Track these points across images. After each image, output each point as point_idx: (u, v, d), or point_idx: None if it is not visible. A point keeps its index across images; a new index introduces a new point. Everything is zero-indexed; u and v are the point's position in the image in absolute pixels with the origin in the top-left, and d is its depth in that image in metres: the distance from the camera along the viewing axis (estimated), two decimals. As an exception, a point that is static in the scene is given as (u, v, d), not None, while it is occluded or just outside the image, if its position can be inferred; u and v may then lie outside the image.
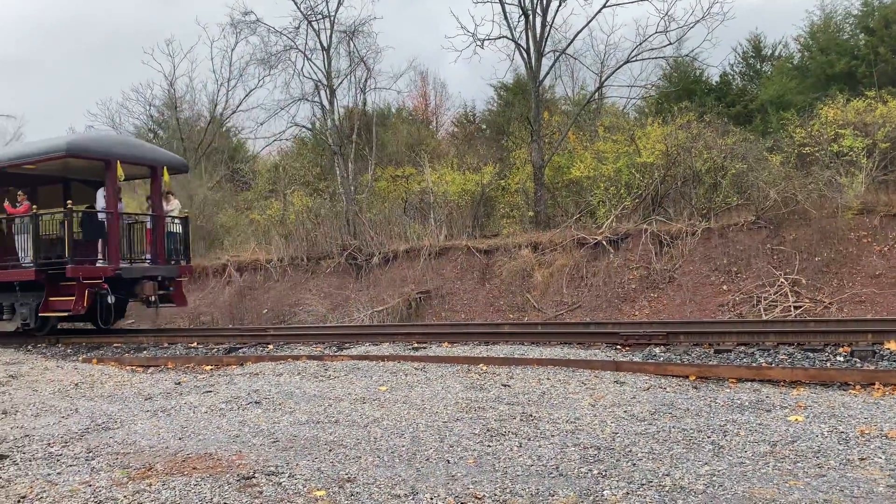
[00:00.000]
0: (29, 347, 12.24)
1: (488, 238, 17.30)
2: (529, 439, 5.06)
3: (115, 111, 33.46)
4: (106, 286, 12.10)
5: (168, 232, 13.73)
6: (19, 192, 13.21)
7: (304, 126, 21.47)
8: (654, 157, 16.30)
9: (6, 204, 12.92)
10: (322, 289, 16.87)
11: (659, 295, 13.82)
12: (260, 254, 18.83)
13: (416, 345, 9.82)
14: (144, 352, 10.97)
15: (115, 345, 11.88)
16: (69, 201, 12.61)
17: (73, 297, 11.78)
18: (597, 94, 20.74)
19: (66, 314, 12.14)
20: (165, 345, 11.51)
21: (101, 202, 12.76)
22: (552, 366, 7.64)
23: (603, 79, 19.58)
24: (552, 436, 5.12)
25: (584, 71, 37.52)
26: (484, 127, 34.31)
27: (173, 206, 14.20)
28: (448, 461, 4.61)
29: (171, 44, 40.22)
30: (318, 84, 19.59)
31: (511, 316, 14.45)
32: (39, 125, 52.19)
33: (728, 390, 6.58)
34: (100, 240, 12.69)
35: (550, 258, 15.13)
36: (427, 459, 4.67)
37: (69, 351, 11.65)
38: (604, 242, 14.79)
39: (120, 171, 12.28)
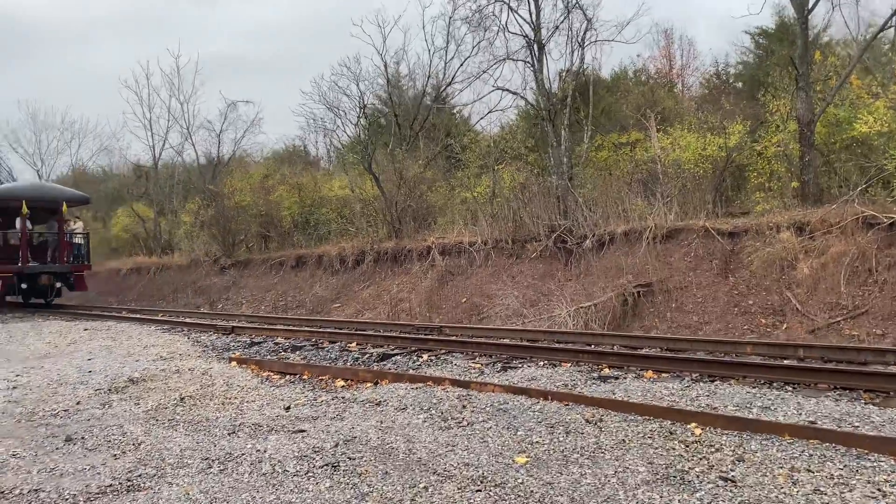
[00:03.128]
0: (201, 337, 11.59)
1: (734, 217, 13.58)
2: None
3: (328, 88, 33.94)
4: (15, 278, 18.17)
5: (74, 243, 20.12)
6: None
7: (506, 89, 18.92)
8: None
9: None
10: (525, 276, 14.51)
11: None
12: (465, 236, 17.00)
13: (605, 371, 6.99)
14: (297, 352, 9.52)
15: (277, 339, 10.71)
16: None
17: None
18: (892, 21, 15.23)
19: None
20: (325, 343, 10.01)
21: (18, 225, 18.73)
22: (817, 441, 4.47)
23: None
24: None
25: (873, -1, 30.07)
26: (740, 85, 29.09)
27: (77, 226, 21.07)
28: None
29: (380, 14, 40.06)
30: (527, 40, 16.95)
31: (763, 321, 10.86)
32: (272, 108, 56.46)
33: None
34: (19, 249, 18.71)
35: (822, 244, 11.18)
36: None
37: (233, 344, 10.68)
38: (905, 222, 10.50)
39: (25, 208, 17.94)
